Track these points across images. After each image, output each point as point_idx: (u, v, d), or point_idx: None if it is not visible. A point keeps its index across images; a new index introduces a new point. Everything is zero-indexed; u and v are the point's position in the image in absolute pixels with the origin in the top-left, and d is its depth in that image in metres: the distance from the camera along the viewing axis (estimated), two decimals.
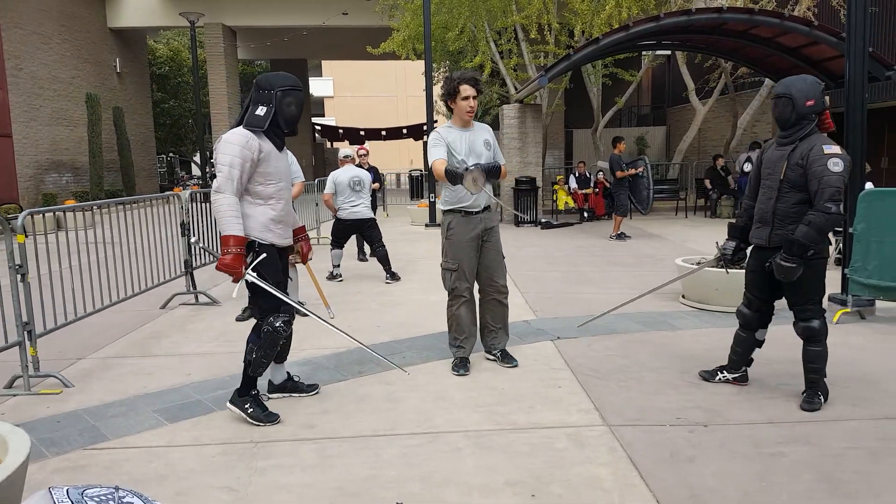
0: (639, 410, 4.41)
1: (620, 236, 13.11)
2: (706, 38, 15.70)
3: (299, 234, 4.77)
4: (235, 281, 4.26)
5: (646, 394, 4.71)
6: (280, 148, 4.38)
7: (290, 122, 4.29)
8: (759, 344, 4.84)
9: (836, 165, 4.18)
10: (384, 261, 9.17)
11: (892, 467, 3.57)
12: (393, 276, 9.14)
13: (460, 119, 5.22)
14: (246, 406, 4.35)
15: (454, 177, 4.83)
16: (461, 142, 5.20)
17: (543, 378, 5.08)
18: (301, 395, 4.77)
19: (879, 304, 6.82)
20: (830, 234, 4.43)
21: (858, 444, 3.85)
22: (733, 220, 4.92)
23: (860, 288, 6.62)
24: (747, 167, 16.26)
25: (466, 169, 4.81)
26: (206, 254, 7.99)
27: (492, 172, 5.03)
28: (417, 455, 3.82)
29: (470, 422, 4.29)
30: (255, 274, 4.28)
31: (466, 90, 5.13)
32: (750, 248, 4.77)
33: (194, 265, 8.08)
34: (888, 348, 5.72)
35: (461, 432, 4.13)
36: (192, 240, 4.52)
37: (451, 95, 5.21)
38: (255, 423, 4.28)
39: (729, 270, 5.14)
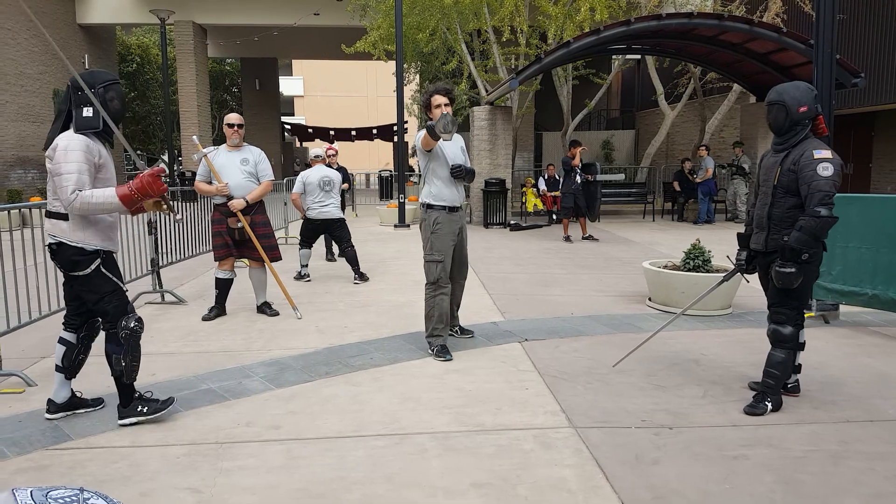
0: (605, 412, 4.44)
1: (568, 238, 13.20)
2: (676, 43, 15.86)
3: None
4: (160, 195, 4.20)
5: (612, 396, 4.74)
6: (111, 148, 4.30)
7: (117, 117, 4.17)
8: (801, 346, 4.72)
9: (825, 170, 4.22)
10: (353, 261, 9.15)
11: (851, 470, 3.62)
12: (361, 277, 9.11)
13: None
14: (138, 409, 4.29)
15: (431, 130, 5.33)
16: (448, 147, 5.75)
17: (511, 380, 5.10)
18: (87, 409, 4.49)
19: (843, 308, 6.92)
20: None
21: (819, 447, 3.91)
22: (741, 231, 4.91)
23: (824, 292, 6.71)
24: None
25: (439, 121, 5.27)
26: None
27: (470, 174, 5.78)
28: (383, 456, 3.81)
29: (437, 423, 4.29)
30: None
31: (437, 99, 5.68)
32: None
33: (160, 264, 8.01)
34: (851, 352, 5.80)
35: (428, 434, 4.13)
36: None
37: (427, 107, 5.80)
38: (155, 415, 4.28)
39: (748, 279, 5.12)
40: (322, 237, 9.93)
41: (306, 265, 9.34)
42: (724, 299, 7.13)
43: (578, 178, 12.96)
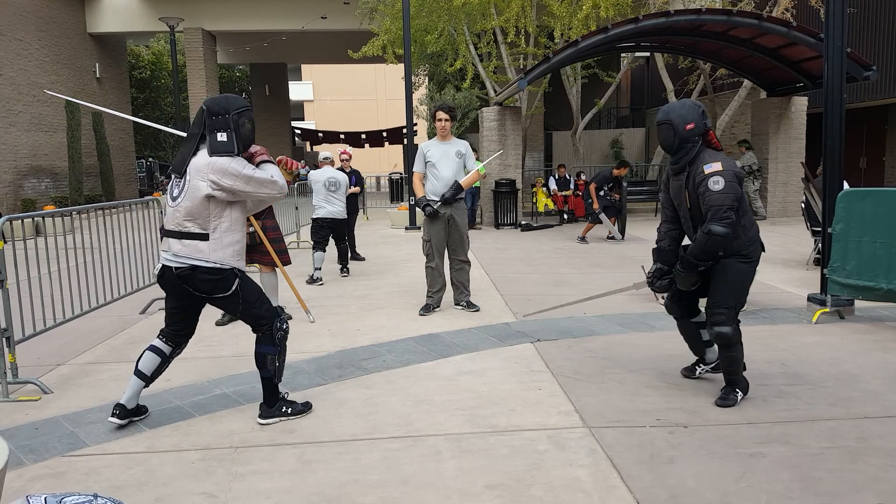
0: (619, 412, 4.43)
1: (583, 240, 13.19)
2: (685, 40, 15.78)
3: None
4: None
5: (626, 395, 4.72)
6: None
7: (248, 142, 4.25)
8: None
9: (716, 184, 4.24)
10: (344, 256, 10.02)
11: (870, 466, 3.59)
12: (345, 271, 10.08)
13: (439, 134, 7.27)
14: (283, 410, 4.41)
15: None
16: (437, 151, 7.18)
17: (524, 380, 5.09)
18: (140, 417, 4.47)
19: (858, 303, 6.88)
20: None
21: (837, 444, 3.88)
22: (655, 246, 4.87)
23: (839, 288, 6.66)
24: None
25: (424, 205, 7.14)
26: None
27: (458, 191, 7.05)
28: (398, 459, 3.81)
29: (450, 425, 4.29)
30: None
31: (439, 115, 7.17)
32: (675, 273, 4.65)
33: None
34: (867, 348, 5.76)
35: (442, 435, 4.12)
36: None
37: (433, 119, 7.30)
38: (297, 416, 4.43)
39: (659, 296, 4.95)
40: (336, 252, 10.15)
41: (319, 268, 9.39)
42: None
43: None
